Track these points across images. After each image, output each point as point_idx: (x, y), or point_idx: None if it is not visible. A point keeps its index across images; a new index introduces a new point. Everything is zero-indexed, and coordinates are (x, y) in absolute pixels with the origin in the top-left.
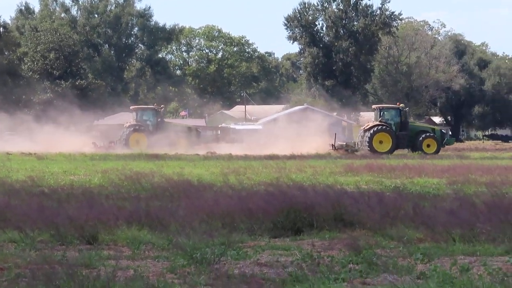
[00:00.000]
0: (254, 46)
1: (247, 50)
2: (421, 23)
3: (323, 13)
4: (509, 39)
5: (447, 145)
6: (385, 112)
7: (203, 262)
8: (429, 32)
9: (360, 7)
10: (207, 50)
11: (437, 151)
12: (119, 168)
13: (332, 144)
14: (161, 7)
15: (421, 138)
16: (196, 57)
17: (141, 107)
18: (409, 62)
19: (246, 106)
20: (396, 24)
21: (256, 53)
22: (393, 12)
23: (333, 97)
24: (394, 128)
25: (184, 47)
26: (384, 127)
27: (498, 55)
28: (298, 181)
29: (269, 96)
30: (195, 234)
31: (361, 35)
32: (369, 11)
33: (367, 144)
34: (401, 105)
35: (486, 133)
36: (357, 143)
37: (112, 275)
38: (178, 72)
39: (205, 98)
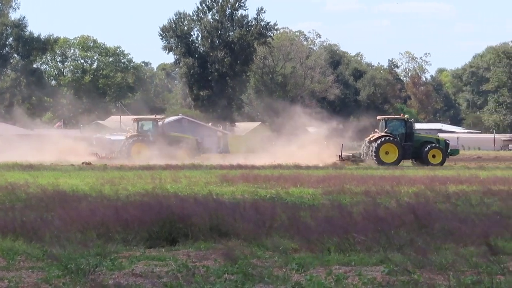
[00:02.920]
0: (130, 56)
1: (122, 60)
2: (297, 33)
3: (199, 23)
4: (383, 50)
5: (451, 155)
6: (390, 123)
7: (78, 272)
8: (305, 43)
9: (236, 17)
10: (82, 61)
11: (442, 162)
12: None
13: (339, 155)
14: (36, 17)
15: (426, 149)
16: (71, 67)
17: (142, 117)
18: (284, 72)
19: (122, 116)
20: (272, 34)
21: (132, 64)
22: (268, 23)
23: (208, 108)
24: (399, 139)
25: (59, 58)
26: (390, 138)
27: (373, 66)
28: (174, 191)
29: (145, 106)
30: (70, 245)
31: (236, 45)
32: (245, 21)
33: (374, 155)
34: (406, 116)
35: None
36: (363, 154)
37: None
38: (53, 82)
39: (80, 109)
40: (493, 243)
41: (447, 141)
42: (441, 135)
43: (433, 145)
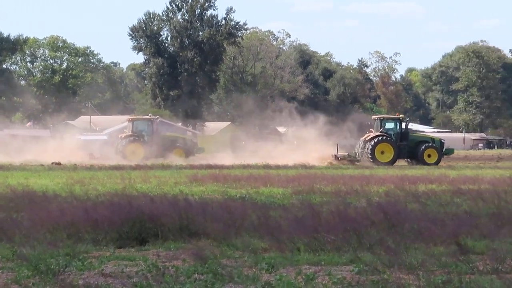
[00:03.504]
0: (99, 56)
1: (92, 60)
2: (266, 33)
3: (168, 23)
4: (353, 50)
5: (446, 155)
6: (385, 123)
7: (48, 272)
8: (274, 42)
9: (205, 17)
10: (51, 61)
11: (438, 161)
12: None
13: (335, 155)
14: (5, 18)
15: (422, 149)
16: (40, 67)
17: (137, 117)
18: (254, 72)
19: (91, 116)
20: (241, 34)
21: (101, 64)
22: (238, 22)
23: (178, 107)
24: (394, 138)
25: (29, 58)
26: (385, 137)
27: (342, 65)
28: (143, 191)
29: (114, 106)
30: (40, 245)
31: (206, 45)
32: (214, 21)
33: (370, 155)
34: (401, 115)
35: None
36: (358, 154)
37: None
38: (23, 82)
39: (50, 109)
40: (462, 242)
41: (442, 141)
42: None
43: (429, 144)
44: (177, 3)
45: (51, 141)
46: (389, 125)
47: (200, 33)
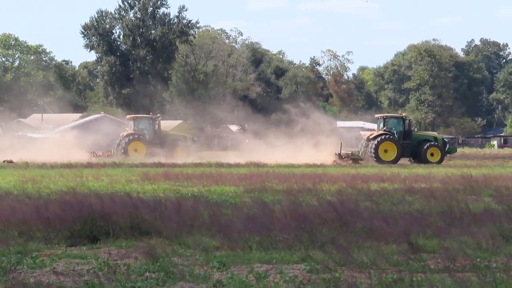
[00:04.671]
0: (52, 55)
1: (44, 58)
2: (219, 31)
3: (121, 21)
4: (305, 48)
5: (448, 153)
6: (388, 121)
7: None
8: (227, 41)
9: (158, 15)
10: (3, 59)
11: (441, 160)
12: None
13: (338, 153)
14: None
15: (425, 147)
16: None
17: (138, 116)
18: (206, 70)
19: (43, 114)
20: (193, 33)
21: (54, 62)
22: (190, 21)
23: (130, 106)
24: (397, 137)
25: None
26: (389, 136)
27: (295, 64)
28: (95, 189)
29: (66, 104)
30: None
31: (158, 44)
32: (167, 19)
33: (373, 153)
34: (403, 114)
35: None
36: (361, 152)
37: None
38: None
39: (1, 107)
40: (414, 241)
41: (445, 140)
42: (362, 133)
43: (432, 143)
44: (129, 2)
45: (2, 139)
46: (392, 124)
47: (153, 31)
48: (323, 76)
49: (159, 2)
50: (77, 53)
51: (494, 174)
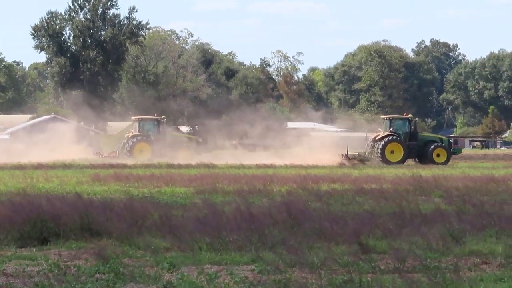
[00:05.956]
0: (1, 56)
1: None
2: (169, 32)
3: (71, 22)
4: (255, 49)
5: (454, 154)
6: (394, 123)
7: None
8: (177, 42)
9: (108, 16)
10: None
11: (447, 161)
12: None
13: (345, 154)
14: None
15: (431, 148)
16: None
17: (144, 117)
18: (156, 71)
19: None
20: (144, 34)
21: (3, 63)
22: (140, 22)
23: (80, 107)
24: (403, 138)
25: None
26: (395, 137)
27: (245, 65)
28: (45, 191)
29: (16, 105)
30: None
31: (108, 45)
32: (117, 20)
33: (380, 155)
34: (409, 115)
35: (234, 142)
36: (367, 153)
37: None
38: None
39: None
40: (364, 242)
41: (450, 140)
42: (313, 133)
43: (438, 144)
44: (79, 2)
45: None
46: (398, 125)
47: (103, 33)
48: (274, 77)
49: (109, 3)
50: (27, 54)
51: (444, 174)
